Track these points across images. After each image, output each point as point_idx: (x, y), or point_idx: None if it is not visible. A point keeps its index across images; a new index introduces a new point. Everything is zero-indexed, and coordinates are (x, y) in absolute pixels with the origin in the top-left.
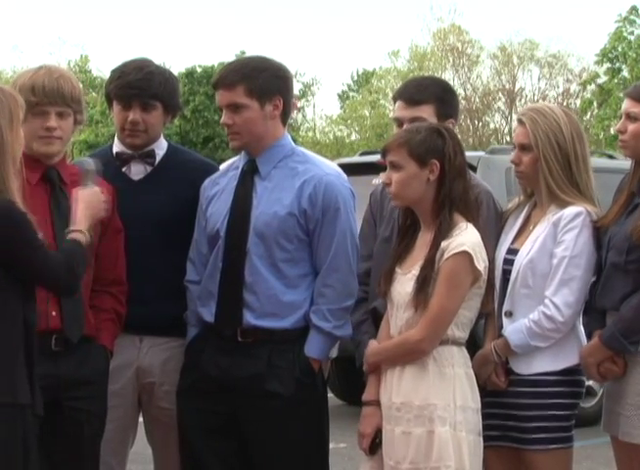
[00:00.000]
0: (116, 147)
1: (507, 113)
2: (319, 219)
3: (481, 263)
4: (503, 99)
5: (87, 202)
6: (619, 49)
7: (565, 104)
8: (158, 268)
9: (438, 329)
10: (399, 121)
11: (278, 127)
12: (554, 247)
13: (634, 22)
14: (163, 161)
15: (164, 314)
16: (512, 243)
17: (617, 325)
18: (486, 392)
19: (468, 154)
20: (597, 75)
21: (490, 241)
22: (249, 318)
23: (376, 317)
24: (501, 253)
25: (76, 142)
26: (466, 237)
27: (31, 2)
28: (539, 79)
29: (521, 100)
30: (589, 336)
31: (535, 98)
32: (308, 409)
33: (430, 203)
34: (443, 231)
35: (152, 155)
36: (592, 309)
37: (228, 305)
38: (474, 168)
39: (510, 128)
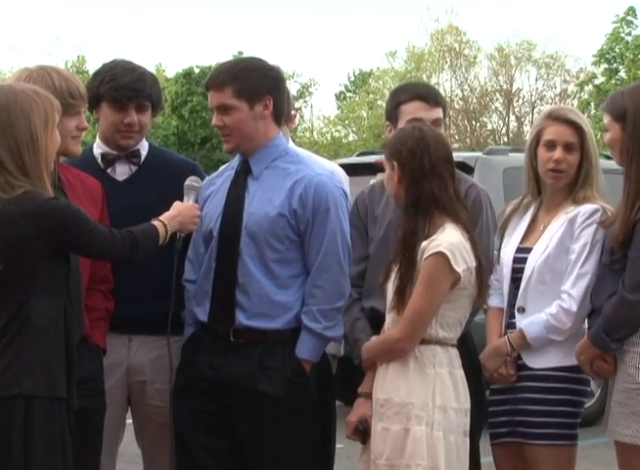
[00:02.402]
0: (99, 148)
1: (504, 113)
2: (310, 220)
3: (461, 265)
4: (500, 100)
5: (180, 211)
6: (617, 50)
7: (562, 105)
8: (146, 267)
9: (416, 328)
10: (420, 122)
11: (270, 127)
12: (571, 243)
13: (631, 22)
14: (147, 160)
15: (154, 313)
16: (521, 242)
17: (600, 323)
18: (497, 389)
19: (465, 155)
20: (594, 76)
21: (489, 241)
22: (241, 318)
23: (374, 316)
24: (508, 252)
25: None
26: (444, 238)
27: (28, 2)
28: (537, 80)
29: (518, 101)
30: None
31: (533, 99)
32: (300, 410)
33: (407, 203)
34: (417, 232)
35: (137, 154)
36: (593, 308)
37: (221, 304)
38: (471, 169)
39: (508, 129)
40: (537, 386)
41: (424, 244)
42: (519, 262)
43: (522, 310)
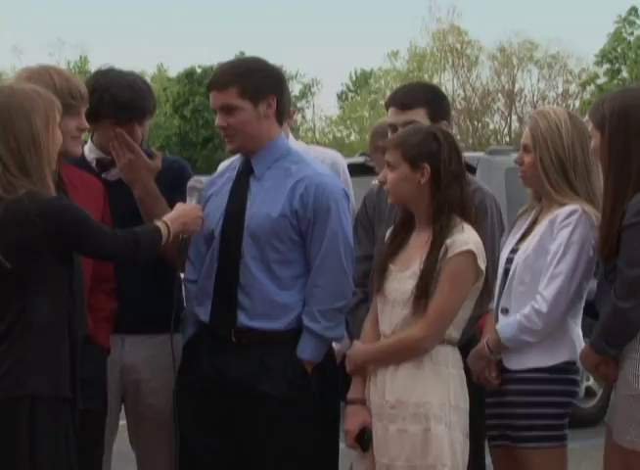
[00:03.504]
0: (93, 153)
1: (506, 113)
2: (311, 220)
3: (483, 263)
4: (502, 100)
5: (184, 212)
6: (619, 50)
7: (564, 105)
8: (137, 267)
9: (441, 328)
10: (393, 127)
11: (273, 127)
12: (549, 244)
13: (634, 22)
14: None
15: (145, 312)
16: (516, 244)
17: (599, 329)
18: (487, 392)
19: (467, 155)
20: (596, 76)
21: (495, 245)
22: (242, 319)
23: None
24: (505, 253)
25: None
26: (469, 236)
27: (31, 3)
28: (539, 80)
29: (520, 101)
30: None
31: (535, 99)
32: (302, 411)
33: (425, 205)
34: (444, 232)
35: None
36: (595, 314)
37: (222, 305)
38: (473, 169)
39: (510, 129)
40: (519, 388)
41: (447, 241)
42: (509, 263)
43: (505, 311)
